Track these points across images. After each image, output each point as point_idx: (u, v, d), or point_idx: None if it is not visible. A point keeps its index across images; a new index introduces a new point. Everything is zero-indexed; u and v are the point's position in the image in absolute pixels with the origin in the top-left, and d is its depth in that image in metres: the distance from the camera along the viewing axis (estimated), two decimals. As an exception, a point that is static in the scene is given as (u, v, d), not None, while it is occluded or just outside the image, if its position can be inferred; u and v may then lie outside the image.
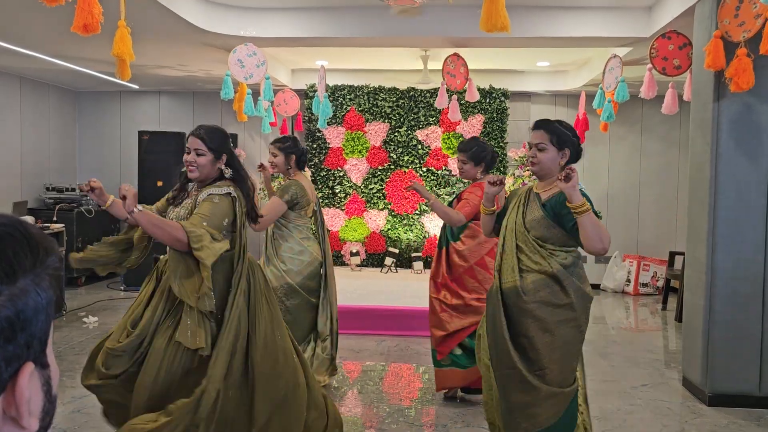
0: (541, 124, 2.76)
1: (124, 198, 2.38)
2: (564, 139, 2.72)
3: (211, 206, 2.54)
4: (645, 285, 7.97)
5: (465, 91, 5.95)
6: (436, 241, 7.69)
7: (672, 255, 7.39)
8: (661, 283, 7.87)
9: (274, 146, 4.03)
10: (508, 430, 2.60)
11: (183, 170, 2.73)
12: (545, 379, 2.54)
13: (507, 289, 2.59)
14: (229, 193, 2.61)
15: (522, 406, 2.57)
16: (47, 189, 7.74)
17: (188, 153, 2.63)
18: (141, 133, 8.12)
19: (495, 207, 2.87)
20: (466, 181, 4.09)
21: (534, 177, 3.08)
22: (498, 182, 2.75)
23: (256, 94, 5.98)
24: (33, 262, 0.63)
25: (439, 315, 3.84)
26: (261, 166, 4.32)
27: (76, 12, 2.52)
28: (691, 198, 4.29)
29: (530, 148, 2.76)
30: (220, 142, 2.66)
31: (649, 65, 4.84)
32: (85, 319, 5.86)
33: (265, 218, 3.71)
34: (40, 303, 0.62)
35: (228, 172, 2.68)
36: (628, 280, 8.03)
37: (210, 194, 2.59)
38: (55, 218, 7.03)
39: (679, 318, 6.36)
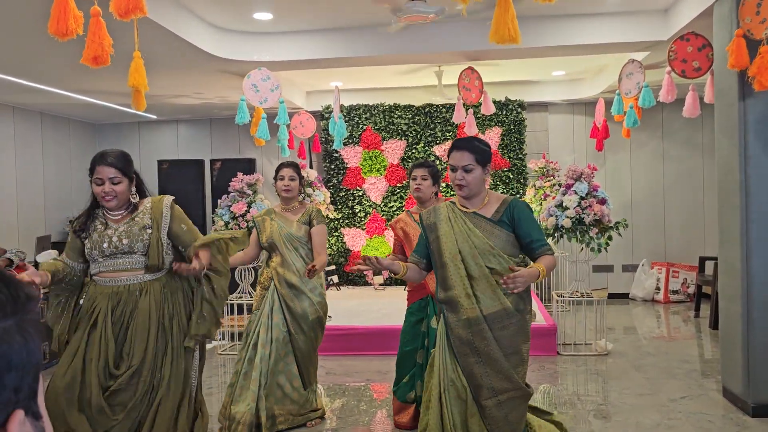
0: (463, 145, 2.63)
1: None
2: (487, 156, 2.65)
3: (183, 215, 2.80)
4: (675, 292, 7.78)
5: (480, 104, 5.91)
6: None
7: (702, 260, 7.21)
8: (692, 290, 7.68)
9: (293, 169, 3.91)
10: None
11: (90, 203, 2.76)
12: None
13: (490, 314, 2.52)
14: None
15: (522, 420, 2.61)
16: (70, 222, 7.81)
17: (101, 184, 2.61)
18: (160, 162, 8.19)
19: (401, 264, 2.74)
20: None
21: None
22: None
23: (272, 117, 5.99)
24: (14, 307, 0.61)
25: None
26: None
27: (87, 44, 2.52)
28: (721, 202, 4.16)
29: (454, 170, 2.61)
30: (130, 165, 2.71)
31: (668, 68, 4.75)
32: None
33: (325, 245, 3.78)
34: (25, 346, 0.60)
35: (136, 197, 2.73)
36: (658, 288, 7.85)
37: (171, 203, 2.75)
38: (78, 250, 7.08)
39: (713, 325, 6.18)
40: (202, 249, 2.70)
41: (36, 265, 5.32)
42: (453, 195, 7.62)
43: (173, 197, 2.80)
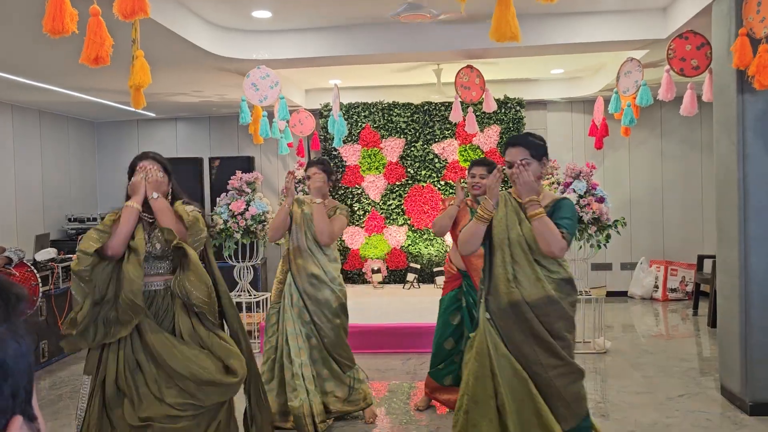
0: (518, 141, 2.70)
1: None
2: (542, 150, 2.72)
3: (198, 217, 2.76)
4: (674, 290, 7.79)
5: (481, 102, 5.90)
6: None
7: (700, 259, 7.22)
8: (690, 288, 7.69)
9: (319, 168, 3.84)
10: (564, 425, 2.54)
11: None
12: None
13: (533, 300, 2.55)
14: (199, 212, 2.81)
15: (580, 398, 2.59)
16: (69, 220, 7.82)
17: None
18: (159, 160, 8.16)
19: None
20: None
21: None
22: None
23: (271, 115, 5.99)
24: (6, 311, 0.60)
25: None
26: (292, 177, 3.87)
27: (86, 44, 2.51)
28: (720, 200, 4.17)
29: (510, 166, 2.65)
30: (169, 166, 2.81)
31: (667, 67, 4.75)
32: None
33: (337, 235, 3.75)
34: (19, 350, 0.60)
35: (169, 199, 2.77)
36: (656, 286, 7.86)
37: (192, 211, 2.74)
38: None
39: (711, 323, 6.19)
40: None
41: (35, 263, 5.33)
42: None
43: (198, 207, 2.82)
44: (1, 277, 0.63)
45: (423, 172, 7.94)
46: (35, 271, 5.28)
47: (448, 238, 7.81)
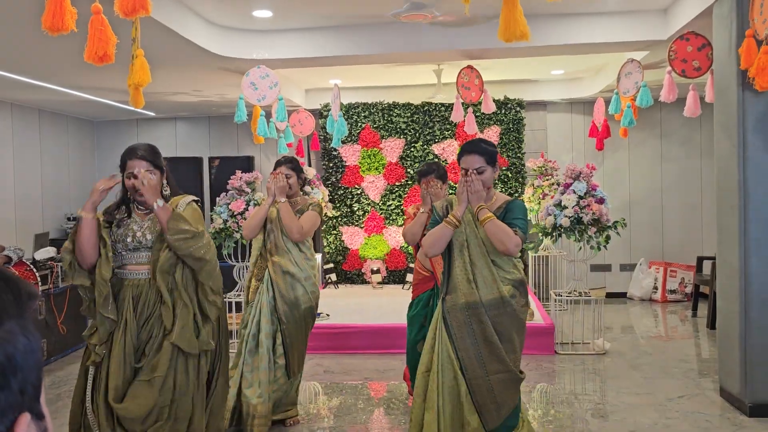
0: (472, 148, 2.81)
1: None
2: (495, 156, 2.84)
3: (196, 212, 2.73)
4: (673, 292, 7.79)
5: (480, 103, 5.90)
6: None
7: (700, 260, 7.22)
8: (689, 290, 7.69)
9: (287, 167, 3.87)
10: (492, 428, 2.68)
11: (120, 196, 2.75)
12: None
13: (488, 300, 2.67)
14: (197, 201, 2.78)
15: (511, 402, 2.72)
16: (68, 219, 7.81)
17: (133, 177, 2.64)
18: (158, 160, 8.14)
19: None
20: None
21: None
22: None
23: (269, 115, 5.98)
24: (17, 307, 0.60)
25: None
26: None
27: (89, 42, 2.50)
28: (720, 201, 4.17)
29: (465, 173, 2.77)
30: (160, 158, 2.73)
31: (669, 68, 4.75)
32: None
33: (306, 231, 3.71)
34: (28, 346, 0.59)
35: (167, 190, 2.74)
36: (655, 288, 7.86)
37: (190, 202, 2.73)
38: (76, 248, 7.07)
39: (710, 325, 6.19)
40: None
41: (34, 262, 5.32)
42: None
43: (195, 198, 2.81)
44: (13, 274, 0.63)
45: (423, 173, 7.93)
46: (34, 270, 5.27)
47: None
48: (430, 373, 2.74)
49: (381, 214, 7.98)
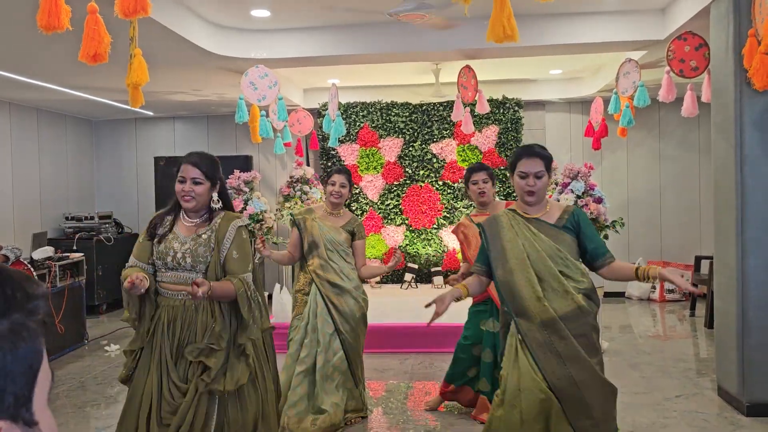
0: (535, 152, 2.63)
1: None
2: (551, 162, 2.68)
3: (246, 243, 2.58)
4: (671, 291, 7.80)
5: (476, 103, 5.91)
6: (456, 255, 7.61)
7: (698, 260, 7.23)
8: (687, 289, 7.69)
9: (344, 177, 3.85)
10: None
11: (173, 201, 2.63)
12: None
13: (565, 314, 2.48)
14: (247, 225, 2.64)
15: (610, 418, 2.54)
16: (66, 218, 7.80)
17: (183, 182, 2.53)
18: (157, 159, 8.16)
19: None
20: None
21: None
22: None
23: (268, 114, 5.98)
24: (6, 307, 0.57)
25: None
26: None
27: (84, 41, 2.50)
28: (717, 201, 4.18)
29: (524, 177, 2.60)
30: (216, 170, 2.60)
31: (667, 68, 4.76)
32: (107, 348, 5.86)
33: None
34: (11, 353, 0.56)
35: (218, 203, 2.62)
36: (654, 287, 7.87)
37: (239, 227, 2.58)
38: (74, 247, 7.08)
39: (708, 324, 6.20)
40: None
41: (32, 261, 5.32)
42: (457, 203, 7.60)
43: (245, 222, 2.69)
44: (10, 273, 0.60)
45: (421, 172, 7.94)
46: (32, 269, 5.27)
47: (447, 238, 7.82)
48: (512, 407, 2.49)
49: (379, 213, 7.98)
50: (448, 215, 7.87)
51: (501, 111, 7.84)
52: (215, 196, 2.60)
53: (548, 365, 2.45)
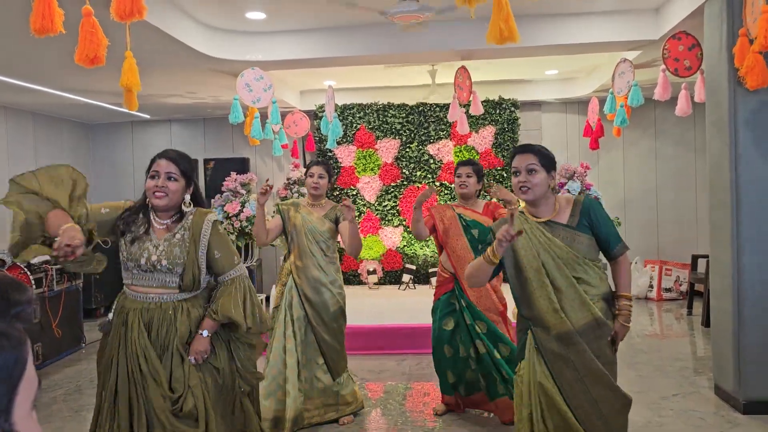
0: (524, 148, 2.55)
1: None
2: (551, 162, 2.54)
3: (224, 237, 2.53)
4: (668, 290, 7.82)
5: (470, 104, 5.92)
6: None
7: (695, 258, 7.24)
8: (684, 288, 7.72)
9: (322, 168, 3.91)
10: None
11: (141, 199, 2.50)
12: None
13: (582, 326, 2.41)
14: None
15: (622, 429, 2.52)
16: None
17: (156, 177, 2.38)
18: (153, 162, 8.11)
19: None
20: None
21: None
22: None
23: (265, 117, 5.98)
24: None
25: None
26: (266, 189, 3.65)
27: (80, 44, 2.50)
28: (712, 200, 4.19)
29: (517, 174, 2.50)
30: (192, 170, 2.48)
31: (663, 66, 4.78)
32: (104, 351, 5.85)
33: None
34: None
35: (190, 206, 2.47)
36: (651, 286, 7.88)
37: (214, 222, 2.48)
38: (71, 251, 7.05)
39: (705, 323, 6.21)
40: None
41: (29, 265, 5.31)
42: (453, 200, 7.61)
43: (217, 216, 2.55)
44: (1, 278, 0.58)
45: (418, 173, 7.95)
46: (29, 273, 5.26)
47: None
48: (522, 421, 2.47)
49: (377, 214, 7.98)
50: (445, 216, 7.88)
51: (497, 112, 7.85)
52: (188, 198, 2.46)
53: (562, 378, 2.41)
